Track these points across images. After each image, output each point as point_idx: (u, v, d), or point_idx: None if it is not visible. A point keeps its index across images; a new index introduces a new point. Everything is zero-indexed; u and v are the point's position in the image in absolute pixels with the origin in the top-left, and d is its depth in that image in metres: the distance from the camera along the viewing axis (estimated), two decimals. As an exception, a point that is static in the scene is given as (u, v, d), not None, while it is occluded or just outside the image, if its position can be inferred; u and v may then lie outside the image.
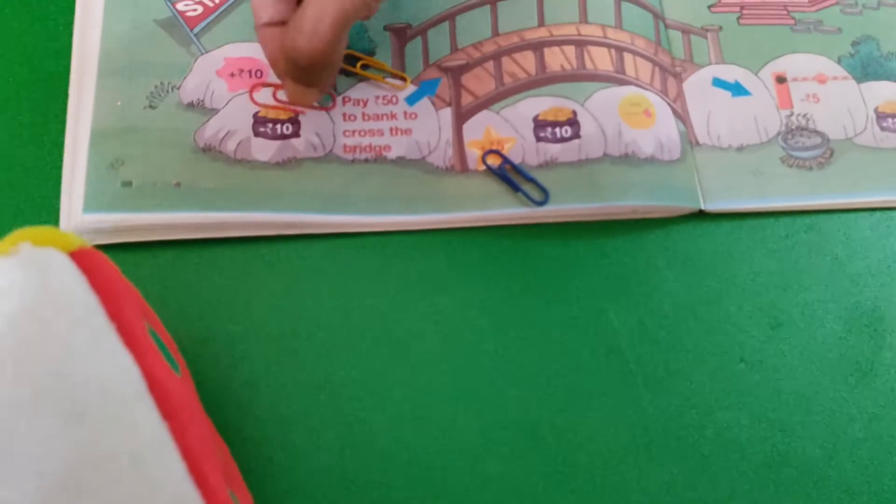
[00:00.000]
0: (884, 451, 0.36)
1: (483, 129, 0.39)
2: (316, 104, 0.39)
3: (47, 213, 0.37)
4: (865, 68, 0.42)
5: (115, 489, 0.21)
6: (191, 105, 0.39)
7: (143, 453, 0.22)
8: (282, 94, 0.39)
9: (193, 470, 0.23)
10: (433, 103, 0.40)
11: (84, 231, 0.36)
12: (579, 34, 0.40)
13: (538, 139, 0.39)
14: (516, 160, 0.38)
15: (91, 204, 0.36)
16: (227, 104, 0.39)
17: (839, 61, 0.42)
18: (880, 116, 0.41)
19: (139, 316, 0.25)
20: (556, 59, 0.40)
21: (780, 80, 0.42)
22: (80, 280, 0.24)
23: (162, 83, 0.39)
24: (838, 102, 0.41)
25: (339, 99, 0.40)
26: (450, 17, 0.41)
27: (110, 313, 0.24)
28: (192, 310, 0.36)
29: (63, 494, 0.21)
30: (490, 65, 0.40)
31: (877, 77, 0.42)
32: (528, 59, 0.40)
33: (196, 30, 0.40)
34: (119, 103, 0.38)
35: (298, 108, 0.39)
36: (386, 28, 0.41)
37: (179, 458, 0.23)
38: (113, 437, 0.22)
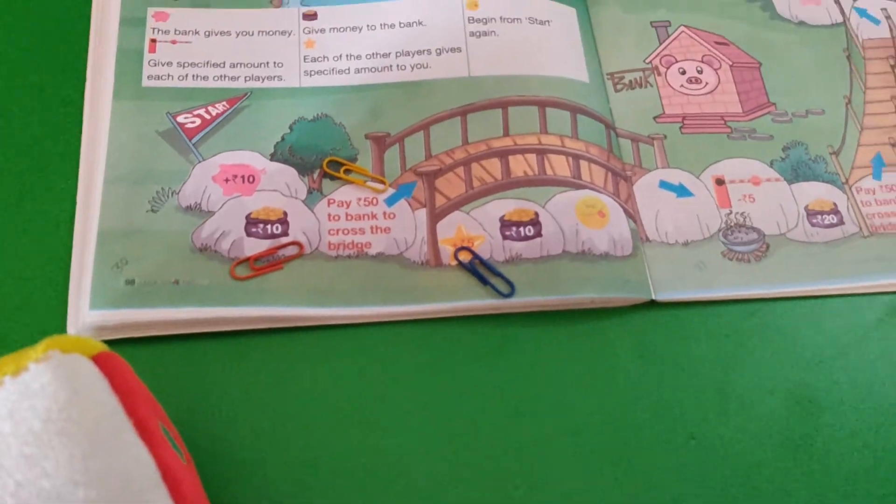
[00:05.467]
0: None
1: (455, 228, 0.43)
2: None
3: (55, 308, 0.40)
4: (796, 170, 0.47)
5: (135, 569, 0.24)
6: (189, 208, 0.42)
7: (159, 536, 0.25)
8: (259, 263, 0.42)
9: (202, 550, 0.26)
10: (410, 204, 0.44)
11: (90, 326, 0.39)
12: (540, 143, 0.45)
13: (504, 237, 0.43)
14: (485, 256, 0.42)
15: (97, 301, 0.39)
16: (221, 207, 0.43)
17: (771, 165, 0.47)
18: (810, 214, 0.46)
19: (151, 412, 0.28)
20: (520, 165, 0.45)
21: (720, 182, 0.46)
22: (103, 382, 0.27)
23: (162, 188, 0.43)
24: (772, 202, 0.46)
25: (324, 200, 0.44)
26: (424, 127, 0.46)
27: (128, 411, 0.27)
28: (191, 398, 0.39)
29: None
30: (461, 170, 0.45)
31: (806, 178, 0.47)
32: (494, 166, 0.45)
33: (194, 140, 0.44)
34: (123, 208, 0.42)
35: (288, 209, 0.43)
36: (367, 137, 0.45)
37: (190, 540, 0.26)
38: (133, 522, 0.25)
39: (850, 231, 0.46)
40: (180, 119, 0.45)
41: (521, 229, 0.43)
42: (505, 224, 0.43)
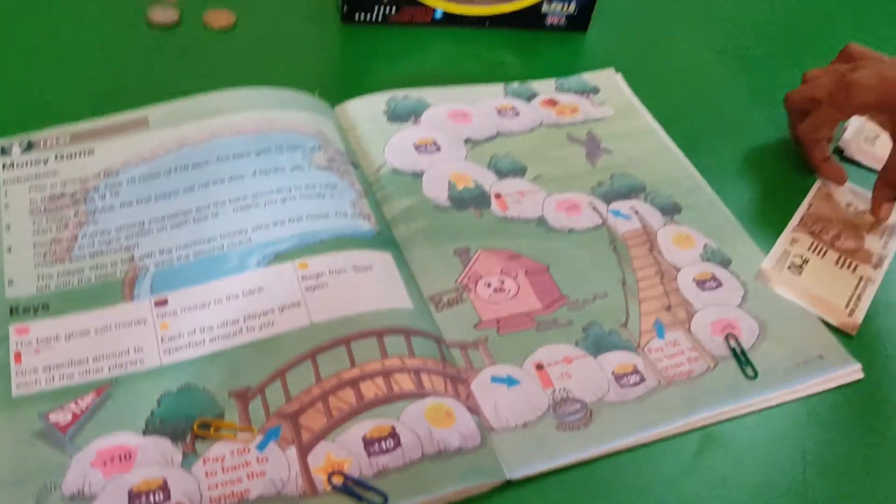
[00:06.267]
0: None
1: (324, 457, 0.48)
2: None
3: None
4: (597, 345, 0.57)
5: None
6: (73, 497, 0.45)
7: None
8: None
9: None
10: (279, 445, 0.49)
11: None
12: (384, 367, 0.52)
13: (369, 454, 0.48)
14: (355, 475, 0.47)
15: None
16: (104, 489, 0.46)
17: (577, 344, 0.57)
18: (617, 378, 0.55)
19: None
20: (370, 389, 0.51)
21: (539, 367, 0.55)
22: None
23: (45, 484, 0.45)
24: (585, 375, 0.55)
25: (200, 460, 0.48)
26: (280, 374, 0.52)
27: None
28: None
29: None
30: (319, 404, 0.50)
31: (607, 350, 0.57)
32: (348, 394, 0.51)
33: (69, 433, 0.48)
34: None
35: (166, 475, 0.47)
36: (230, 395, 0.51)
37: None
38: None
39: (652, 385, 0.55)
40: (53, 417, 0.48)
41: (383, 443, 0.49)
42: (367, 442, 0.49)
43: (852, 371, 0.58)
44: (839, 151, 0.77)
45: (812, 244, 0.68)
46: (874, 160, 0.76)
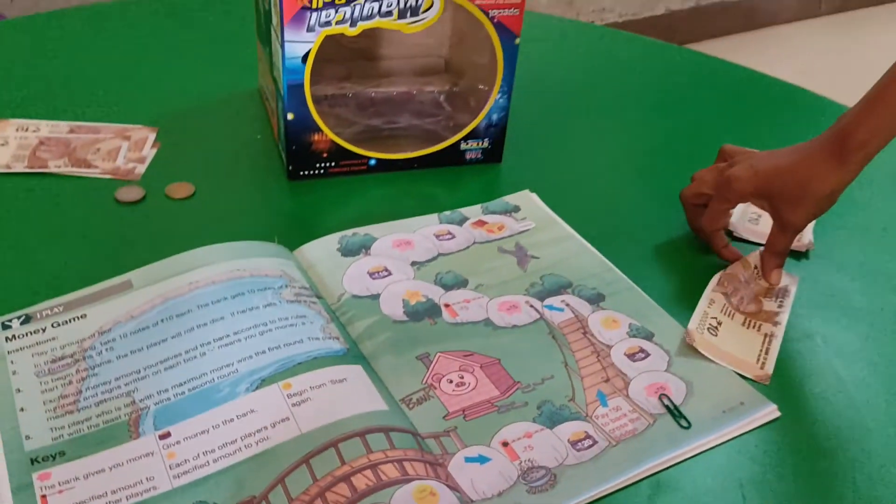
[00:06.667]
0: None
1: (329, 546, 0.55)
2: None
3: None
4: (551, 419, 0.65)
5: None
6: None
7: None
8: None
9: None
10: (289, 543, 0.55)
11: None
12: (370, 461, 0.60)
13: (369, 537, 0.55)
14: (360, 558, 0.54)
15: None
16: None
17: (534, 420, 0.65)
18: (573, 444, 0.64)
19: None
20: (361, 481, 0.58)
21: (505, 444, 0.63)
22: None
23: None
24: (545, 445, 0.63)
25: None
26: (280, 481, 0.58)
27: None
28: None
29: None
30: (318, 501, 0.57)
31: (560, 422, 0.65)
32: (343, 489, 0.58)
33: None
34: None
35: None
36: (238, 505, 0.57)
37: None
38: None
39: (603, 446, 0.64)
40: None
41: (379, 525, 0.56)
42: (365, 526, 0.56)
43: (770, 411, 0.68)
44: (729, 233, 0.90)
45: (724, 307, 0.79)
46: (759, 236, 0.89)
